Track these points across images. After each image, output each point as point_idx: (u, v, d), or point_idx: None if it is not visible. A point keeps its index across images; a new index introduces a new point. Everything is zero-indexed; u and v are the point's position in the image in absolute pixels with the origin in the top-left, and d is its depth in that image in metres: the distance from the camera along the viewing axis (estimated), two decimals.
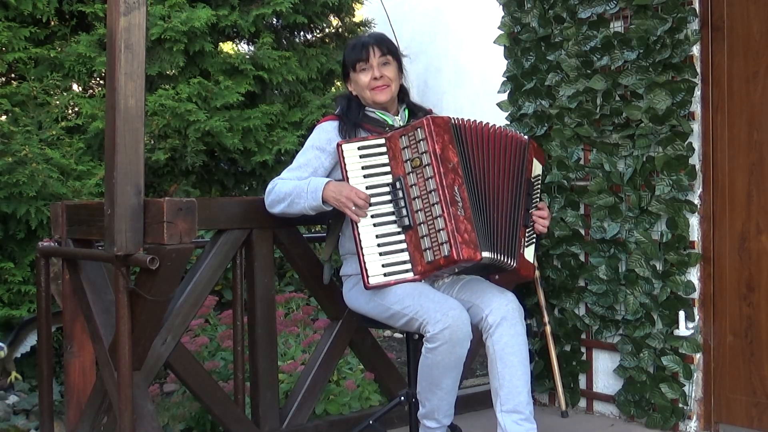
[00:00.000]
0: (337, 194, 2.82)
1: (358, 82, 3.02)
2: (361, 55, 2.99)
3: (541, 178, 3.22)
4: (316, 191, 2.83)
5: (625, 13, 3.49)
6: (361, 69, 3.00)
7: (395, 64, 3.04)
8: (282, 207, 2.92)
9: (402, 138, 2.87)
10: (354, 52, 3.02)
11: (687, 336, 3.33)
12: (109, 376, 2.89)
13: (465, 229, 2.78)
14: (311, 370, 3.33)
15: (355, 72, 3.02)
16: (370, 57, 2.99)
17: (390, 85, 3.01)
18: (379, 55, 2.99)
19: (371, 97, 3.01)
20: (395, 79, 3.03)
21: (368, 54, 2.99)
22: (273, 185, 2.96)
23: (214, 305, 4.15)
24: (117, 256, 2.63)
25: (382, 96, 3.00)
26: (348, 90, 3.10)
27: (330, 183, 2.85)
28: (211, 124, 4.88)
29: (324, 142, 2.99)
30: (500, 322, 2.83)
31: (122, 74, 2.61)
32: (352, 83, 3.06)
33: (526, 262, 3.01)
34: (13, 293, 4.19)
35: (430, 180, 2.81)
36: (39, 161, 4.20)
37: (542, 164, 3.22)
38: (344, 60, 3.07)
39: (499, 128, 3.05)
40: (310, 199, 2.84)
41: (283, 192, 2.91)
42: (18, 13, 4.85)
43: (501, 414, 2.83)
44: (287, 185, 2.92)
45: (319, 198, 2.83)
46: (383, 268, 2.81)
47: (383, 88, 3.00)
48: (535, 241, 3.10)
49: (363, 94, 3.03)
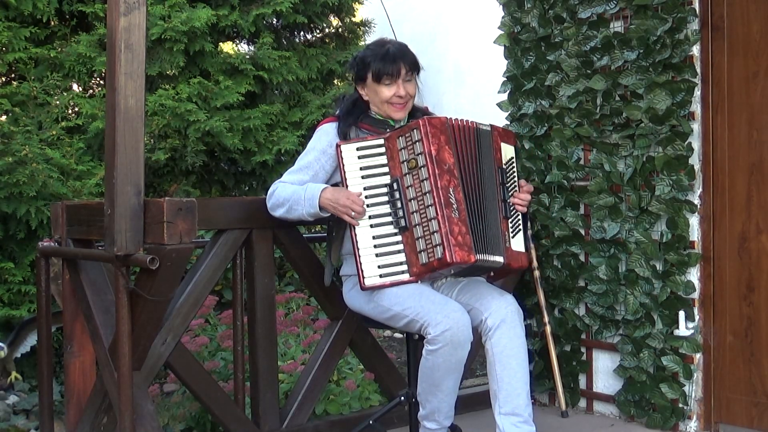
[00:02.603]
0: (334, 201, 2.81)
1: (379, 94, 2.96)
2: (390, 70, 2.92)
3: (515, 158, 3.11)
4: (312, 198, 2.83)
5: (625, 13, 3.49)
6: (386, 83, 2.94)
7: (416, 79, 3.01)
8: (282, 212, 2.93)
9: (399, 139, 2.87)
10: (384, 65, 2.92)
11: (687, 336, 3.33)
12: (109, 376, 2.89)
13: (459, 231, 2.78)
14: (311, 370, 3.33)
15: (378, 83, 2.94)
16: (400, 74, 2.93)
17: (408, 102, 2.99)
18: (406, 72, 2.95)
19: (387, 111, 2.97)
20: (413, 95, 3.01)
21: (398, 71, 2.93)
22: (273, 189, 2.96)
23: (214, 305, 4.15)
24: (117, 256, 2.63)
25: (400, 114, 2.98)
26: (356, 91, 3.04)
27: (326, 190, 2.84)
28: (211, 124, 4.88)
29: (325, 144, 2.98)
30: (499, 324, 2.83)
31: (122, 74, 2.61)
32: (367, 89, 2.99)
33: (515, 254, 2.98)
34: (13, 293, 4.19)
35: (425, 181, 2.80)
36: (39, 161, 4.20)
37: (513, 145, 3.11)
38: (367, 64, 2.95)
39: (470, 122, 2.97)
40: (308, 206, 2.85)
41: (282, 197, 2.91)
42: (18, 13, 4.85)
43: (499, 416, 2.83)
44: (286, 190, 2.91)
45: (316, 205, 2.83)
46: (379, 269, 2.81)
47: (402, 106, 2.97)
48: (521, 228, 3.05)
49: (380, 105, 2.98)
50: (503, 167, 3.03)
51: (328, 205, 2.83)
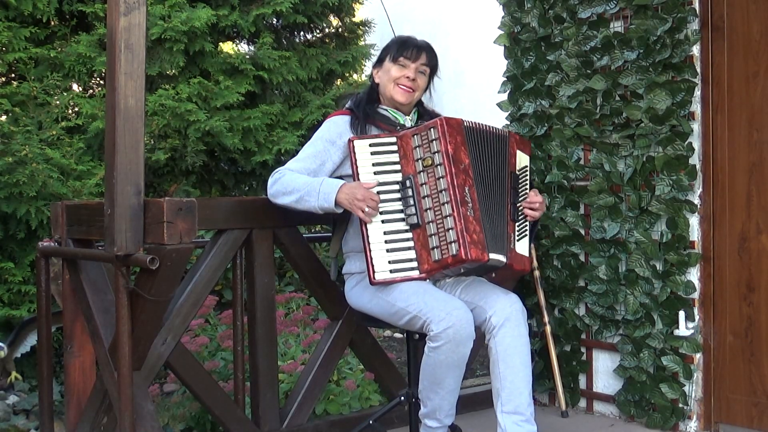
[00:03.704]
0: (350, 197, 2.80)
1: (390, 72, 3.02)
2: (410, 53, 3.01)
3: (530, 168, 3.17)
4: (329, 194, 2.82)
5: (625, 13, 3.49)
6: (401, 63, 3.01)
7: (427, 78, 3.07)
8: (288, 200, 2.90)
9: (414, 137, 2.89)
10: (405, 48, 3.03)
11: (687, 336, 3.33)
12: (109, 376, 2.89)
13: (474, 229, 2.80)
14: (311, 370, 3.33)
15: (393, 62, 3.02)
16: (417, 59, 3.01)
17: (415, 91, 3.04)
18: (423, 63, 3.03)
19: (392, 91, 3.02)
20: (421, 90, 3.06)
21: (417, 56, 3.02)
22: (281, 174, 2.93)
23: (214, 305, 4.15)
24: (117, 256, 2.63)
25: (403, 97, 3.02)
26: (372, 79, 3.11)
27: (344, 186, 2.83)
28: (211, 124, 4.88)
29: (335, 135, 2.99)
30: (504, 323, 2.84)
31: (122, 74, 2.61)
32: (381, 71, 3.07)
33: (519, 257, 3.00)
34: (13, 293, 4.19)
35: (441, 179, 2.82)
36: (39, 161, 4.20)
37: (528, 154, 3.19)
38: (391, 45, 3.07)
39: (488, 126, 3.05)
40: (322, 200, 2.83)
41: (292, 185, 2.88)
42: (18, 13, 4.85)
43: (502, 415, 2.83)
44: (298, 179, 2.89)
45: (332, 201, 2.81)
46: (390, 265, 2.82)
47: (408, 90, 3.02)
48: (528, 233, 3.08)
49: (387, 85, 3.04)
50: (516, 173, 3.06)
51: (344, 200, 2.81)
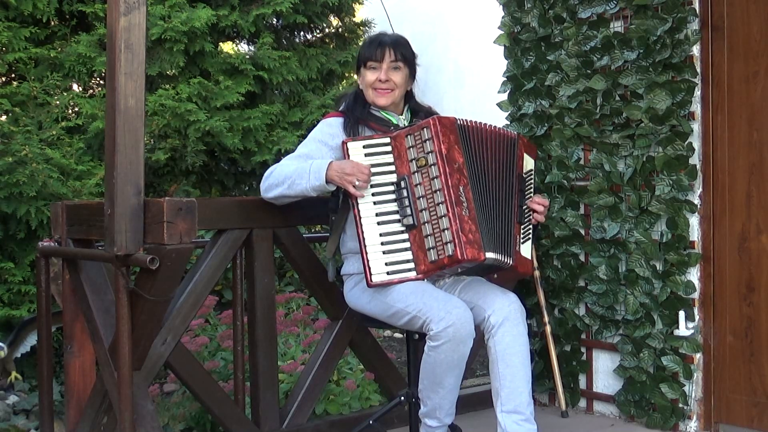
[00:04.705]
0: (340, 172, 2.80)
1: (366, 77, 3.03)
2: (374, 55, 3.00)
3: (534, 172, 3.19)
4: (319, 171, 2.81)
5: (625, 13, 3.49)
6: (371, 67, 3.01)
7: (406, 71, 3.04)
8: (280, 190, 2.90)
9: (408, 137, 2.88)
10: (369, 50, 3.02)
11: (687, 336, 3.33)
12: (109, 376, 2.89)
13: (469, 229, 2.79)
14: (311, 370, 3.33)
15: (365, 68, 3.03)
16: (384, 58, 2.99)
17: (394, 90, 3.01)
18: (391, 60, 3.00)
19: (372, 97, 3.02)
20: (401, 85, 3.03)
21: (382, 55, 2.99)
22: (272, 170, 2.95)
23: (214, 305, 4.15)
24: (117, 256, 2.63)
25: (382, 100, 3.01)
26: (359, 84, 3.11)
27: (333, 162, 2.83)
28: (211, 124, 4.88)
29: (327, 136, 2.99)
30: (502, 322, 2.84)
31: (122, 74, 2.61)
32: (360, 78, 3.08)
33: (522, 259, 3.01)
34: (13, 293, 4.19)
35: (435, 180, 2.81)
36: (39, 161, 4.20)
37: (534, 158, 3.21)
38: (359, 53, 3.08)
39: (493, 126, 3.05)
40: (313, 179, 2.82)
41: (283, 175, 2.90)
42: (18, 13, 4.85)
43: (501, 414, 2.83)
44: (288, 167, 2.90)
45: (323, 177, 2.81)
46: (386, 267, 2.81)
47: (386, 92, 3.00)
48: (531, 236, 3.09)
49: (366, 91, 3.04)
50: (522, 175, 3.07)
51: (335, 176, 2.80)
